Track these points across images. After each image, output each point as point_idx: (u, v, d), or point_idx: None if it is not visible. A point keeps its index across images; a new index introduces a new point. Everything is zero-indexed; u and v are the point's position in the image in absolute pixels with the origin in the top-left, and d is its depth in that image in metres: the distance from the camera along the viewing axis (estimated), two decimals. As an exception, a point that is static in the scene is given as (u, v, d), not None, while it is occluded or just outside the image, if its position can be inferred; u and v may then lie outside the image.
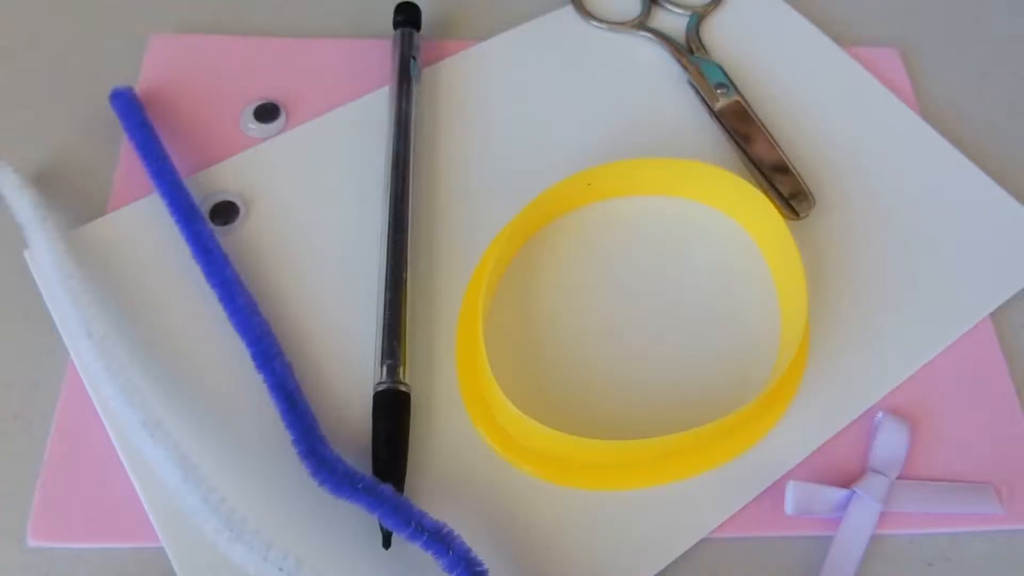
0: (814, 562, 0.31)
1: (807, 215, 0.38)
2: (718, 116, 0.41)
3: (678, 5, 0.45)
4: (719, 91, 0.41)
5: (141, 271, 0.35)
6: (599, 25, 0.44)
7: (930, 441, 0.33)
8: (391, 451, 0.31)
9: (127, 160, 0.38)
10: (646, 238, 0.38)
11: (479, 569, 0.28)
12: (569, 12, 0.45)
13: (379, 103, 0.40)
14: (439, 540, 0.28)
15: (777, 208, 0.37)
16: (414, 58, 0.41)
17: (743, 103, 0.41)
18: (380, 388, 0.32)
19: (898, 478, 0.32)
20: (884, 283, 0.37)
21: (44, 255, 0.33)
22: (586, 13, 0.45)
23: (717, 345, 0.35)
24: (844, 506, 0.31)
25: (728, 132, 0.40)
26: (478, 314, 0.33)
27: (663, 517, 0.31)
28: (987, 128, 0.43)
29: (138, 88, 0.41)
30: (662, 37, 0.44)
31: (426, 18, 0.43)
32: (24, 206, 0.35)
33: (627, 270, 0.37)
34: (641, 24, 0.45)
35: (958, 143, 0.41)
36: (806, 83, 0.43)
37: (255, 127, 0.40)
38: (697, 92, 0.42)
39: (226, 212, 0.37)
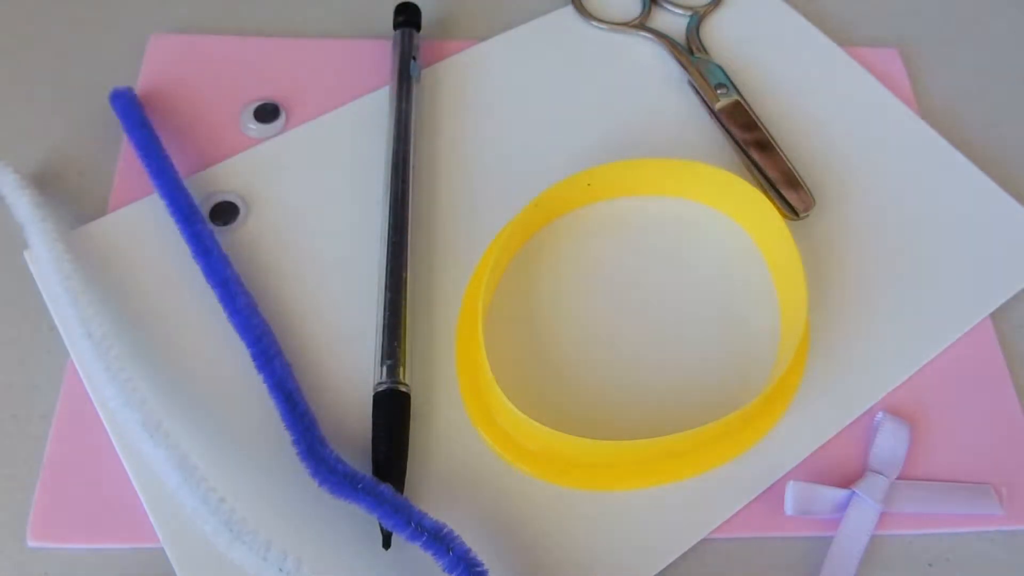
0: (814, 562, 0.31)
1: (807, 215, 0.38)
2: (718, 116, 0.41)
3: (678, 5, 0.45)
4: (719, 91, 0.41)
5: (141, 271, 0.35)
6: (599, 25, 0.44)
7: (930, 441, 0.33)
8: (391, 451, 0.31)
9: (127, 160, 0.38)
10: (646, 238, 0.38)
11: (479, 569, 0.28)
12: (569, 12, 0.45)
13: (379, 103, 0.40)
14: (439, 540, 0.28)
15: (777, 208, 0.37)
16: (414, 58, 0.41)
17: (743, 103, 0.41)
18: (380, 388, 0.32)
19: (898, 478, 0.32)
20: (884, 283, 0.37)
21: (44, 255, 0.33)
22: (586, 13, 0.45)
23: (717, 345, 0.35)
24: (844, 506, 0.31)
25: (728, 132, 0.40)
26: (478, 314, 0.33)
27: (663, 517, 0.31)
28: (987, 128, 0.43)
29: (138, 88, 0.41)
30: (662, 37, 0.44)
31: (426, 18, 0.43)
32: (24, 206, 0.35)
33: (627, 270, 0.37)
34: (641, 24, 0.45)
35: (958, 143, 0.41)
36: (806, 83, 0.43)
37: (255, 127, 0.40)
38: (697, 92, 0.42)
39: (226, 212, 0.37)
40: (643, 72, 0.43)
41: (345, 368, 0.33)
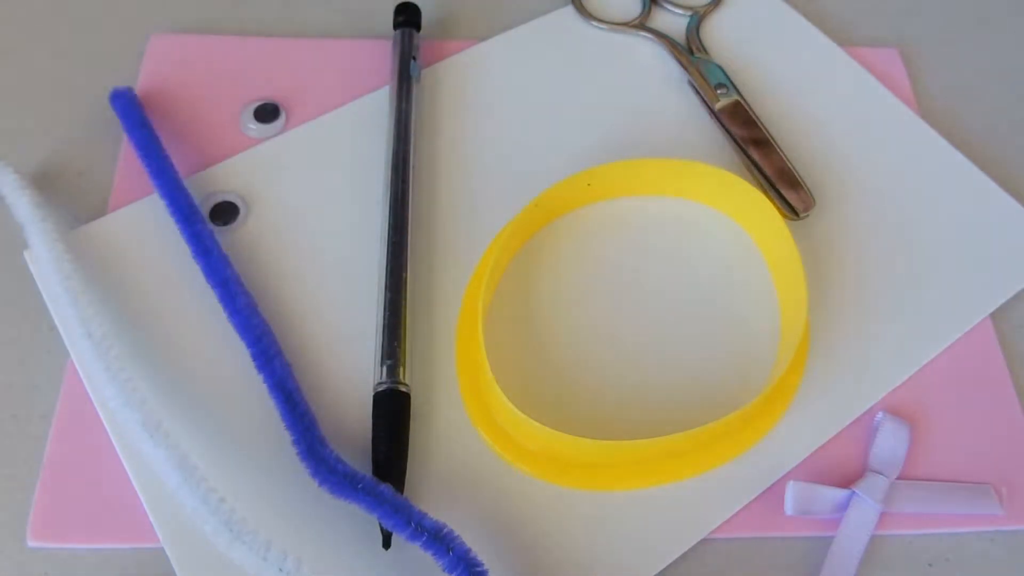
0: (814, 562, 0.31)
1: (807, 215, 0.38)
2: (718, 116, 0.41)
3: (678, 5, 0.45)
4: (719, 91, 0.41)
5: (141, 271, 0.35)
6: (599, 25, 0.44)
7: (930, 441, 0.33)
8: (391, 451, 0.31)
9: (127, 160, 0.38)
10: (646, 238, 0.38)
11: (479, 569, 0.28)
12: (569, 12, 0.45)
13: (379, 103, 0.40)
14: (439, 540, 0.28)
15: (777, 208, 0.37)
16: (414, 58, 0.41)
17: (743, 103, 0.41)
18: (380, 388, 0.32)
19: (898, 478, 0.32)
20: (884, 283, 0.37)
21: (44, 255, 0.33)
22: (586, 13, 0.45)
23: (717, 345, 0.35)
24: (844, 506, 0.31)
25: (728, 132, 0.40)
26: (478, 314, 0.33)
27: (663, 517, 0.31)
28: (987, 128, 0.43)
29: (138, 88, 0.41)
30: (662, 37, 0.44)
31: (426, 18, 0.43)
32: (24, 206, 0.35)
33: (627, 270, 0.37)
34: (641, 24, 0.45)
35: (958, 143, 0.41)
36: (806, 83, 0.43)
37: (255, 127, 0.40)
38: (697, 92, 0.42)
39: (226, 212, 0.37)
40: (643, 72, 0.43)
41: (345, 368, 0.33)
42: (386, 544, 0.29)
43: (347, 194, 0.38)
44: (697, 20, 0.45)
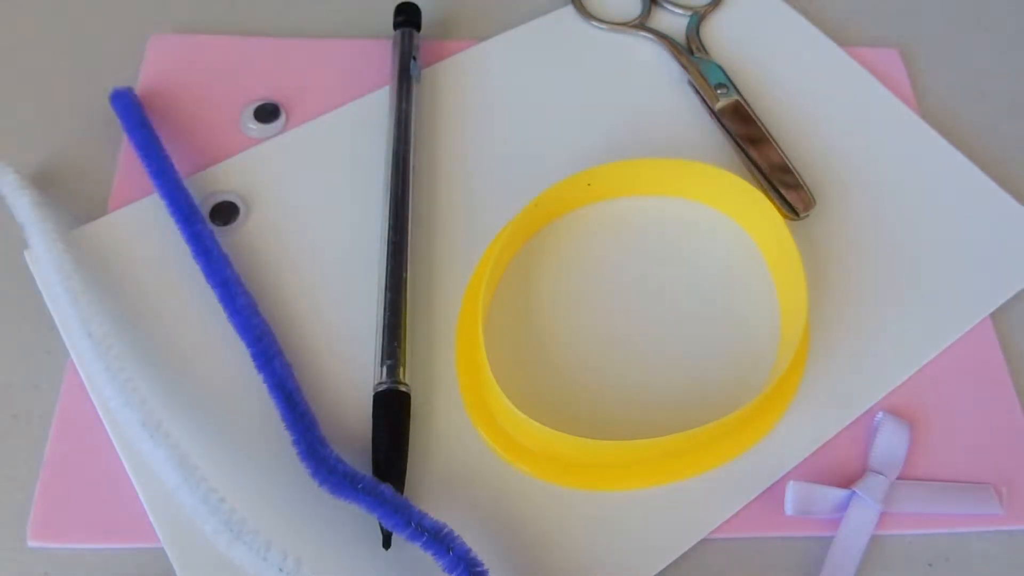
0: (814, 562, 0.31)
1: (807, 215, 0.38)
2: (718, 116, 0.41)
3: (678, 5, 0.45)
4: (719, 91, 0.41)
5: (141, 271, 0.35)
6: (599, 25, 0.44)
7: (930, 441, 0.33)
8: (391, 451, 0.31)
9: (127, 160, 0.38)
10: (646, 238, 0.38)
11: (479, 569, 0.28)
12: (569, 12, 0.45)
13: (379, 103, 0.40)
14: (439, 540, 0.28)
15: (777, 208, 0.37)
16: (414, 58, 0.41)
17: (743, 103, 0.41)
18: (380, 388, 0.32)
19: (898, 478, 0.32)
20: (884, 283, 0.37)
21: (44, 255, 0.33)
22: (586, 13, 0.45)
23: (717, 345, 0.35)
24: (844, 506, 0.31)
25: (728, 132, 0.40)
26: (478, 314, 0.33)
27: (663, 517, 0.31)
28: (987, 128, 0.43)
29: (138, 88, 0.41)
30: (662, 37, 0.44)
31: (426, 18, 0.43)
32: (24, 206, 0.35)
33: (627, 270, 0.37)
34: (641, 24, 0.45)
35: (958, 143, 0.41)
36: (806, 83, 0.43)
37: (255, 127, 0.40)
38: (697, 92, 0.42)
39: (226, 212, 0.37)
40: (643, 72, 0.43)
41: (345, 368, 0.33)
42: (386, 544, 0.29)
43: (347, 194, 0.38)
44: (697, 20, 0.45)
